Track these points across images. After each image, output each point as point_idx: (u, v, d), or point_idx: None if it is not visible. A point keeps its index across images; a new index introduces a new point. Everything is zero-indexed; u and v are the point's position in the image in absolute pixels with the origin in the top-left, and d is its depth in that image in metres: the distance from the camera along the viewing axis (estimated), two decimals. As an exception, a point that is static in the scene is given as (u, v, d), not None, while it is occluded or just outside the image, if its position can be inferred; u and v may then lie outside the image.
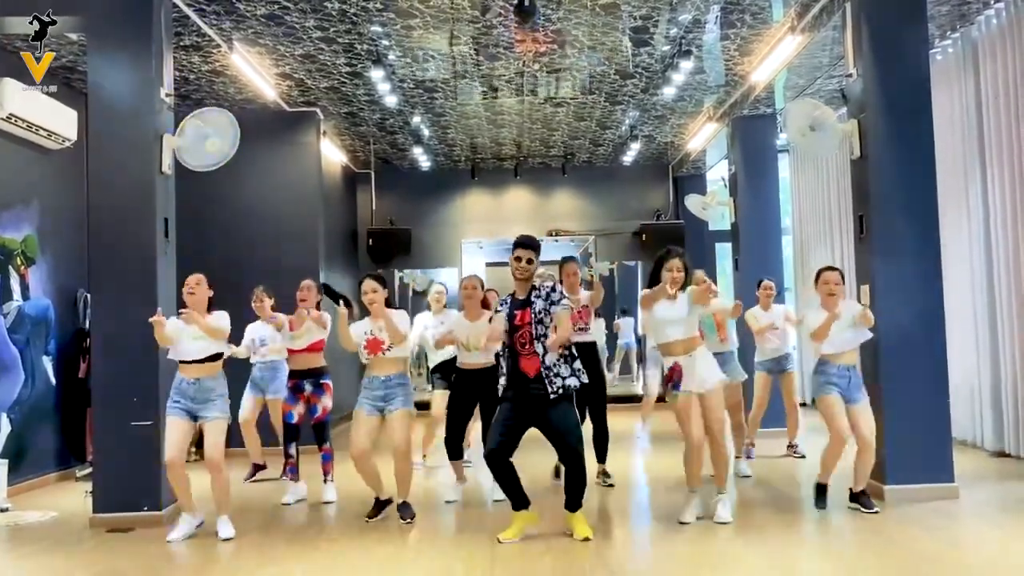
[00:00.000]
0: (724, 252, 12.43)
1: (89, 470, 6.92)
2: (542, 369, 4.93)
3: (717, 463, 5.35)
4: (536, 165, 12.93)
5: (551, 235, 13.01)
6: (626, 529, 5.22)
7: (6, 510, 6.20)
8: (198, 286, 5.37)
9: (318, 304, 6.46)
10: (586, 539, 4.89)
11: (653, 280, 5.34)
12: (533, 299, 5.04)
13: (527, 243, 5.11)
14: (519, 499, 5.04)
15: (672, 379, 5.25)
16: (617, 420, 9.07)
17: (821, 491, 5.55)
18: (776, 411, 7.86)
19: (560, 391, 4.92)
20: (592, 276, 6.67)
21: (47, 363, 7.53)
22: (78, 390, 7.73)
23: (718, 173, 12.35)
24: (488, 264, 12.68)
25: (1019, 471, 6.63)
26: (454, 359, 6.53)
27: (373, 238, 12.65)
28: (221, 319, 5.38)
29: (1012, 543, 4.72)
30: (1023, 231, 6.88)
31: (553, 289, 5.08)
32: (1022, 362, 6.91)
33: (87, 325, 7.43)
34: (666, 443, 8.60)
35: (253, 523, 5.72)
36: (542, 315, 4.99)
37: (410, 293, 13.05)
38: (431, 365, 7.33)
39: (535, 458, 6.35)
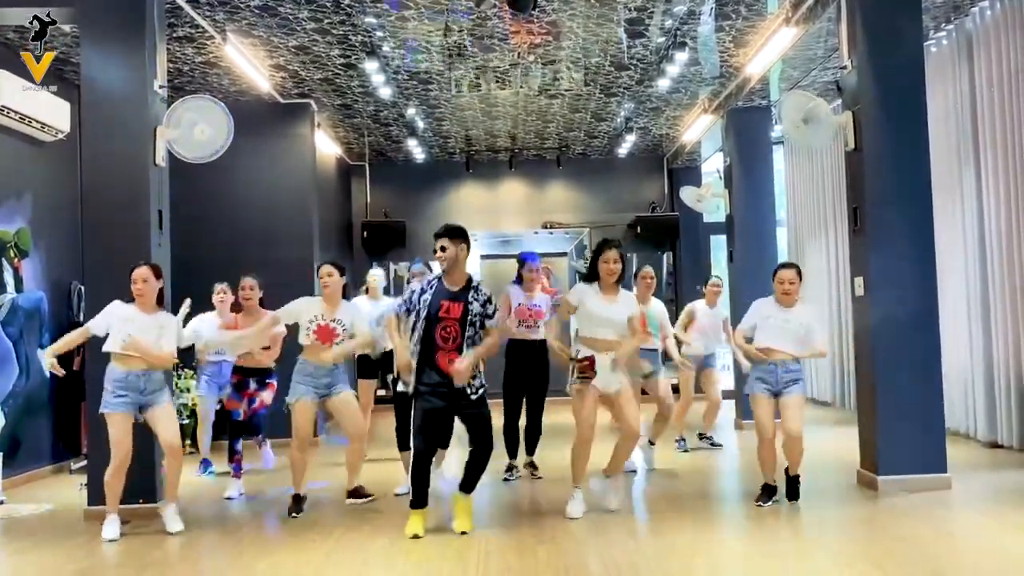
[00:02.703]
0: (719, 244, 12.44)
1: (84, 463, 6.92)
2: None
3: (621, 452, 5.39)
4: (531, 157, 12.92)
5: (546, 227, 13.00)
6: (621, 521, 5.23)
7: (1, 503, 6.19)
8: (145, 284, 5.16)
9: (261, 302, 6.40)
10: (464, 533, 4.91)
11: (591, 272, 5.32)
12: (471, 299, 4.94)
13: (440, 232, 5.02)
14: (423, 500, 5.01)
15: (586, 370, 5.16)
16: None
17: (766, 490, 5.50)
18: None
19: (476, 393, 4.94)
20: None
21: (41, 356, 7.50)
22: (72, 383, 7.69)
23: (713, 165, 12.34)
24: (483, 256, 12.66)
25: (1012, 461, 6.66)
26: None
27: (368, 230, 12.64)
28: (165, 332, 5.21)
29: (1005, 532, 4.75)
30: (1017, 223, 6.90)
31: (489, 301, 5.01)
32: (1015, 353, 6.93)
33: (81, 318, 7.41)
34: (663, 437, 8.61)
35: (248, 517, 5.73)
36: (476, 319, 4.93)
37: (406, 285, 13.03)
38: None
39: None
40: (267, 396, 6.47)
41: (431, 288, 4.97)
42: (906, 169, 5.88)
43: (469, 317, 4.90)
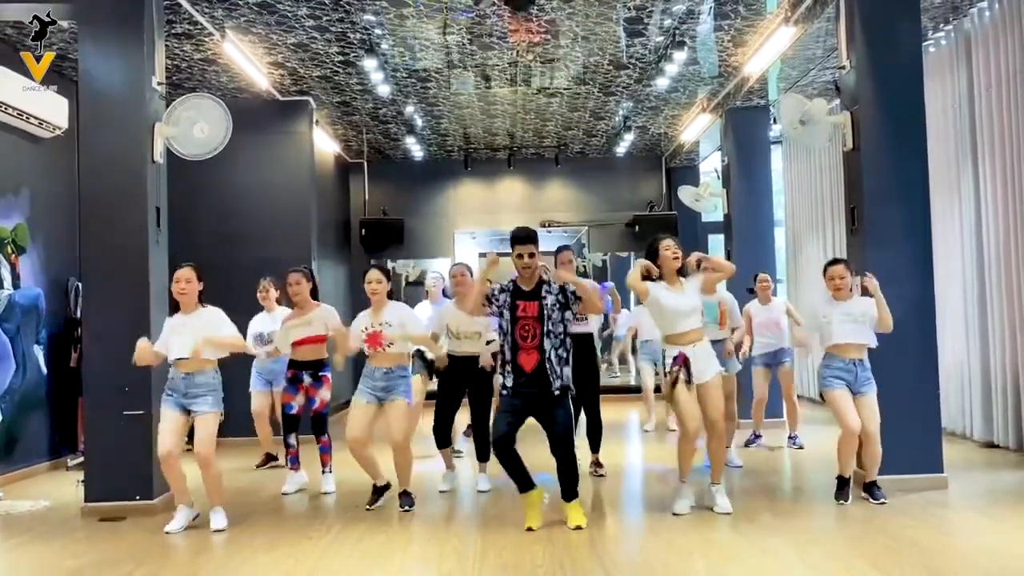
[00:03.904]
0: (717, 243, 12.44)
1: (81, 459, 6.92)
2: (544, 363, 4.96)
3: (716, 455, 5.36)
4: (529, 156, 12.92)
5: (544, 226, 13.00)
6: (618, 518, 5.24)
7: (-2, 499, 6.21)
8: (189, 284, 5.19)
9: (313, 292, 6.32)
10: (577, 527, 4.93)
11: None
12: (544, 293, 5.05)
13: (525, 237, 5.06)
14: (525, 482, 5.07)
15: (681, 367, 5.18)
16: (614, 411, 9.12)
17: (842, 484, 5.53)
18: (773, 403, 7.92)
19: (559, 389, 4.98)
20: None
21: (38, 352, 7.50)
22: (69, 379, 7.71)
23: (711, 164, 12.36)
24: (481, 255, 12.65)
25: (1008, 461, 6.68)
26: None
27: (366, 228, 12.63)
28: (221, 324, 5.26)
29: (1001, 531, 4.77)
30: (1014, 223, 6.91)
31: (562, 288, 5.08)
32: (1012, 353, 6.95)
33: (78, 314, 7.41)
34: (660, 434, 8.63)
35: (247, 512, 5.73)
36: (553, 310, 5.00)
37: (403, 283, 13.06)
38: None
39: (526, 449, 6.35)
40: (325, 393, 6.31)
41: (508, 290, 5.10)
42: (904, 169, 5.89)
43: (545, 311, 5.00)
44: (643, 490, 6.25)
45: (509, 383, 5.02)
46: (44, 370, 7.58)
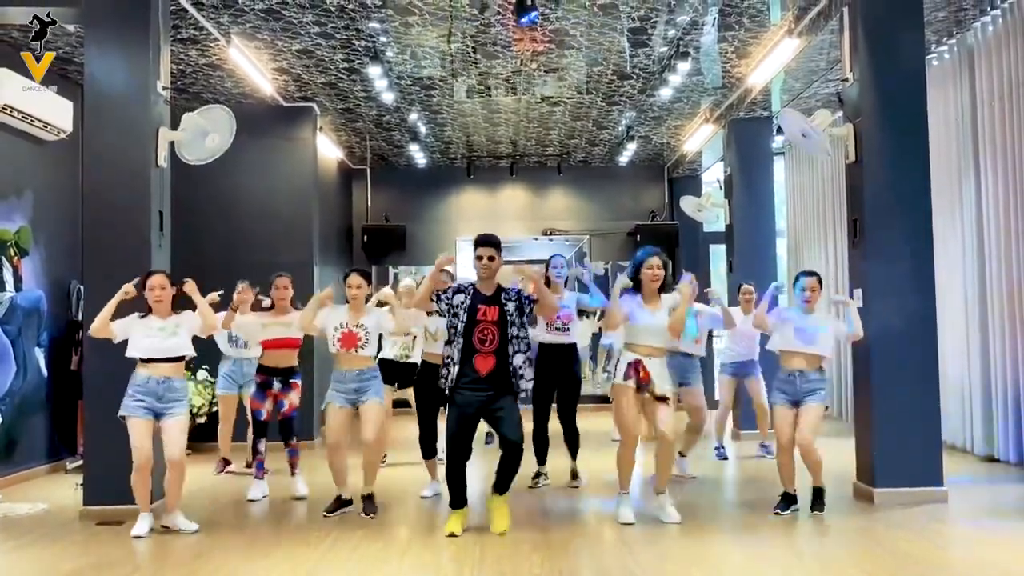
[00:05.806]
0: (718, 254, 12.45)
1: (80, 462, 6.92)
2: (506, 368, 4.99)
3: (662, 463, 5.36)
4: (532, 164, 12.93)
5: (546, 234, 13.01)
6: (614, 529, 5.23)
7: (-4, 501, 6.20)
8: (163, 291, 5.25)
9: (292, 301, 6.39)
10: (502, 533, 4.99)
11: (634, 281, 5.38)
12: (503, 300, 5.08)
13: (487, 241, 5.14)
14: (460, 499, 5.15)
15: (638, 376, 5.19)
16: (603, 420, 9.09)
17: (785, 498, 5.53)
18: (750, 413, 7.93)
19: (523, 391, 5.06)
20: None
21: (39, 355, 7.51)
22: (70, 382, 7.71)
23: (713, 175, 12.36)
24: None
25: (1008, 475, 6.67)
26: (395, 361, 6.74)
27: (368, 234, 12.64)
28: (184, 322, 5.33)
29: (999, 544, 4.75)
30: (1016, 236, 6.91)
31: (519, 291, 5.15)
32: (1013, 367, 6.94)
33: (80, 317, 7.41)
34: (649, 444, 8.61)
35: (245, 516, 5.73)
36: (515, 317, 5.04)
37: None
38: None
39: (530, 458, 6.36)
40: (294, 398, 6.33)
41: (468, 293, 5.09)
42: (906, 181, 5.89)
43: (508, 317, 5.03)
44: (638, 499, 6.24)
45: (454, 383, 5.01)
46: (44, 373, 7.58)
